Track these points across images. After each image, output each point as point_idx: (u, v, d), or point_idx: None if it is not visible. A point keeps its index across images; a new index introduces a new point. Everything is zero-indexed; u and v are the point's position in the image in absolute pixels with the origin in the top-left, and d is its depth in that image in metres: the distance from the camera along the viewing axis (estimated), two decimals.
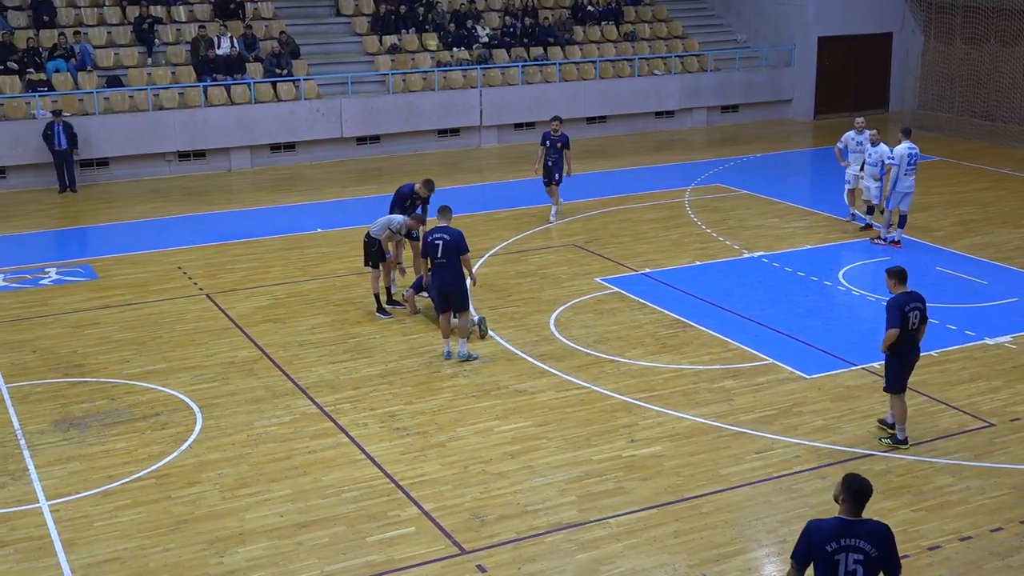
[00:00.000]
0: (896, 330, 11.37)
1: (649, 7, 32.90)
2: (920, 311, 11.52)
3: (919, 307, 11.52)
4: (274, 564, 9.72)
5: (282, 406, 12.95)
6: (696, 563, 9.70)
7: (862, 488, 7.07)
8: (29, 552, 9.93)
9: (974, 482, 11.11)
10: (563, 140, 20.54)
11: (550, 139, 20.58)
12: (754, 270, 17.91)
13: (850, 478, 7.14)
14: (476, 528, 10.27)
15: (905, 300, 11.45)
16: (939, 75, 31.47)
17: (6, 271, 18.28)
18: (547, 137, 20.67)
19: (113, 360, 14.37)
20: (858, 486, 7.07)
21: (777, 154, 27.54)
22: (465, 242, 14.06)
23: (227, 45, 26.51)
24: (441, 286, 14.11)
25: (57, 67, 24.96)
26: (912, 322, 11.47)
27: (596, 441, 11.99)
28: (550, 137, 20.59)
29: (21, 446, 11.95)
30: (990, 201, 22.46)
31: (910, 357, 11.67)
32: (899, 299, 11.47)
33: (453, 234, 14.03)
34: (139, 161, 25.10)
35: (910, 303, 11.46)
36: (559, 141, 20.51)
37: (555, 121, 20.67)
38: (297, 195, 23.55)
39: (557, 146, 20.49)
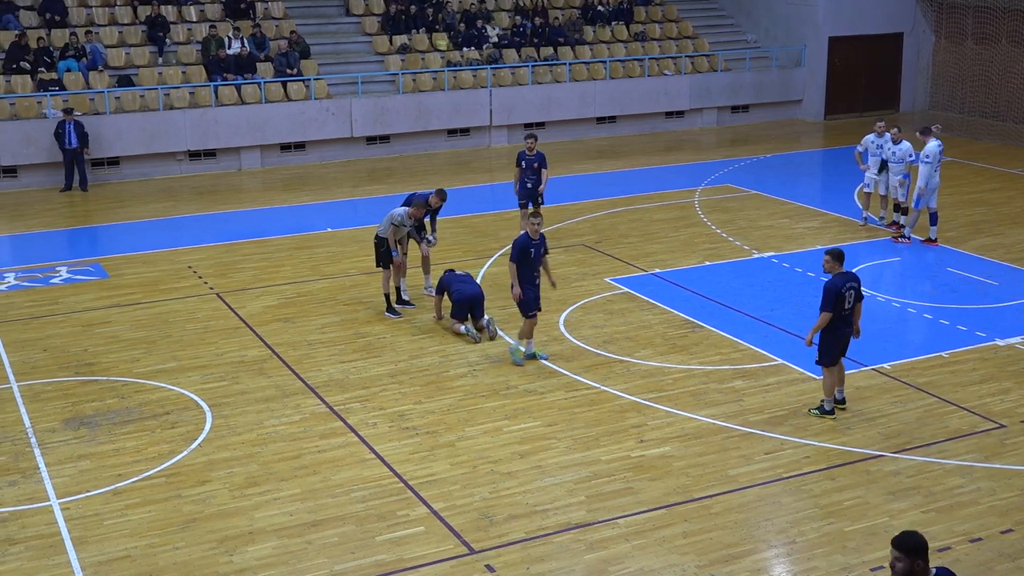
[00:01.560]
0: (829, 314, 11.99)
1: (659, 7, 32.87)
2: (855, 290, 12.18)
3: (854, 287, 12.17)
4: (283, 563, 9.73)
5: (292, 405, 12.97)
6: (705, 564, 9.69)
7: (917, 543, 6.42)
8: (40, 550, 9.96)
9: (984, 483, 11.08)
10: (539, 159, 18.65)
11: (526, 159, 18.63)
12: (764, 271, 17.88)
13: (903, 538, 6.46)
14: (485, 528, 10.27)
15: (842, 282, 12.04)
16: (950, 75, 31.39)
17: (17, 270, 18.34)
18: (522, 157, 18.69)
19: (123, 359, 14.41)
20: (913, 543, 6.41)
21: (787, 154, 27.49)
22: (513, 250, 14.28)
23: (238, 45, 26.56)
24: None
25: (68, 67, 25.04)
26: (848, 301, 12.11)
27: (605, 441, 11.99)
28: (525, 157, 18.64)
29: (32, 444, 11.99)
30: (1001, 202, 22.39)
31: (842, 332, 12.22)
32: (836, 281, 12.04)
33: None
34: (150, 160, 25.17)
35: (846, 284, 12.07)
36: (536, 161, 18.63)
37: (530, 139, 18.70)
38: (307, 195, 23.59)
39: (534, 166, 18.64)
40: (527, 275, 13.78)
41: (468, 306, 15.07)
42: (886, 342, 14.79)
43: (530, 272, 13.79)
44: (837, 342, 12.24)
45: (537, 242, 13.82)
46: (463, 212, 21.02)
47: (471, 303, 15.06)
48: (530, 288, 13.80)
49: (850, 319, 12.24)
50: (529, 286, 13.80)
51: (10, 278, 17.85)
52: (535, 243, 13.81)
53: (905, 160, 19.28)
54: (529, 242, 13.76)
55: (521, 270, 13.70)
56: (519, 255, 13.66)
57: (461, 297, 15.04)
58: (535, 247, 13.81)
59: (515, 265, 13.69)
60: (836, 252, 12.22)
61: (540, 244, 13.87)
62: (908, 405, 12.88)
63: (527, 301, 13.80)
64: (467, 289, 15.08)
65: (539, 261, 13.90)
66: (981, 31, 30.40)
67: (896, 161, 19.37)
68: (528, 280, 13.79)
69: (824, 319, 12.04)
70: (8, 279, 17.80)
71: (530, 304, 13.84)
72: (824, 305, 12.02)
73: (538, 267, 13.90)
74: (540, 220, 13.91)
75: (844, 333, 12.24)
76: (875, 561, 9.70)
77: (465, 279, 15.38)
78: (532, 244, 13.78)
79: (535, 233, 13.76)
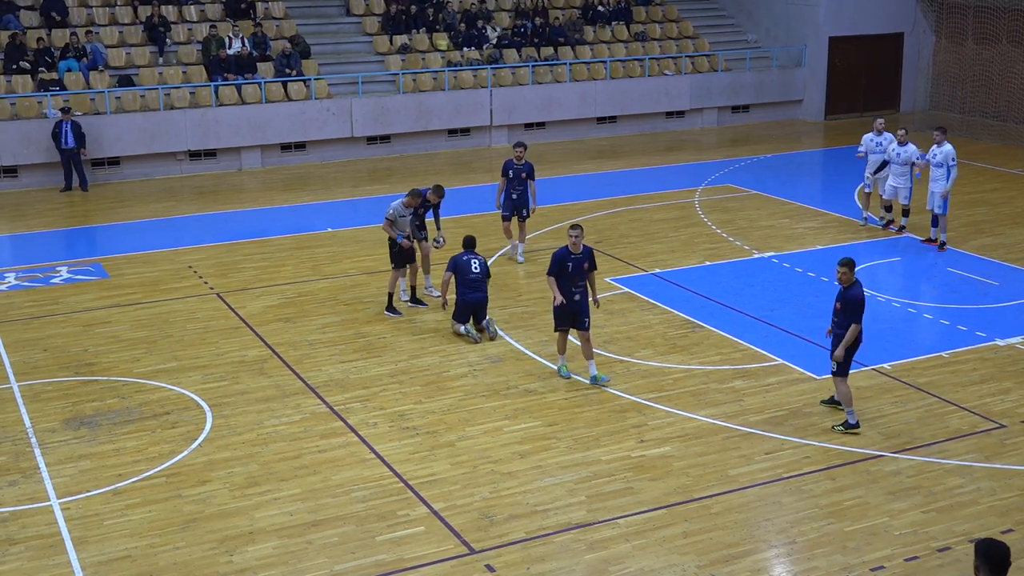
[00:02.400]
0: (860, 326, 11.81)
1: (660, 7, 32.87)
2: None
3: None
4: (284, 563, 9.74)
5: (292, 405, 12.97)
6: (705, 564, 9.70)
7: (1002, 556, 6.01)
8: (40, 550, 9.97)
9: (984, 483, 11.08)
10: (528, 170, 17.96)
11: (513, 169, 17.92)
12: (764, 270, 17.88)
13: (985, 545, 6.08)
14: (485, 528, 10.27)
15: (862, 290, 11.86)
16: (950, 75, 31.39)
17: (17, 270, 18.34)
18: (510, 167, 17.97)
19: (124, 359, 14.42)
20: (998, 555, 6.01)
21: (788, 154, 27.49)
22: None
23: (238, 45, 26.56)
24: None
25: (69, 67, 25.04)
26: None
27: (605, 441, 11.99)
28: (513, 166, 17.92)
29: (32, 444, 12.00)
30: (1001, 202, 22.39)
31: (861, 340, 12.03)
32: (859, 290, 11.81)
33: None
34: (150, 160, 25.17)
35: (863, 291, 11.90)
36: (524, 171, 17.92)
37: (518, 148, 17.99)
38: (308, 195, 23.59)
39: (522, 176, 17.92)
40: (564, 289, 13.21)
41: (471, 309, 15.08)
42: (886, 342, 14.79)
43: (568, 286, 13.20)
44: (856, 351, 12.05)
45: (578, 256, 13.17)
46: (464, 212, 21.03)
47: (475, 307, 15.07)
48: (568, 301, 13.25)
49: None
50: (567, 300, 13.25)
51: (10, 278, 17.86)
52: (575, 257, 13.16)
53: (911, 162, 19.08)
54: (567, 255, 13.16)
55: (559, 284, 13.20)
56: (555, 268, 13.18)
57: (465, 301, 15.03)
58: (574, 261, 13.17)
59: (551, 279, 13.24)
60: (850, 261, 11.86)
61: (581, 259, 13.19)
62: (908, 405, 12.88)
63: (559, 315, 13.34)
64: (472, 295, 15.04)
65: (579, 275, 13.22)
66: (981, 31, 30.40)
67: (900, 163, 19.20)
68: (566, 294, 13.22)
69: (856, 332, 11.72)
70: (8, 279, 17.80)
71: (562, 318, 13.34)
72: (856, 317, 11.71)
73: (579, 282, 13.24)
74: (580, 233, 13.16)
75: (860, 341, 12.05)
76: (875, 561, 9.71)
77: (475, 283, 15.08)
78: (571, 258, 13.15)
79: (575, 247, 13.12)
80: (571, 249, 13.15)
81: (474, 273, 15.04)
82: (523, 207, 18.02)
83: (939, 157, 18.59)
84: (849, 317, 11.76)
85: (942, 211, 18.67)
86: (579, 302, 13.30)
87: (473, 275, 15.04)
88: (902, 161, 19.13)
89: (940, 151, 18.61)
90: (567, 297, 13.23)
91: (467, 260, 15.15)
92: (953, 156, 18.55)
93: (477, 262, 15.17)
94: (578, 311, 13.32)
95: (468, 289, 15.04)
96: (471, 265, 15.09)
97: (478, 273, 15.08)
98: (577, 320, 13.34)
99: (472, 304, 15.05)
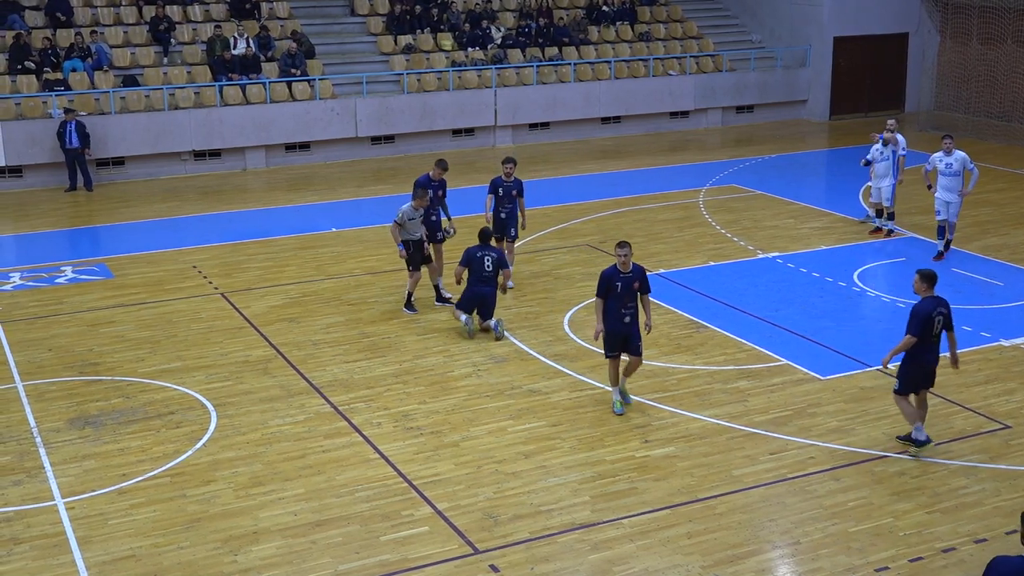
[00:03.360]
0: (914, 338, 11.24)
1: (664, 7, 32.86)
2: (944, 316, 11.40)
3: (944, 312, 11.39)
4: (288, 563, 9.74)
5: (296, 405, 12.98)
6: (709, 564, 9.69)
7: None
8: (45, 549, 9.98)
9: (989, 484, 11.06)
10: (517, 187, 16.89)
11: (503, 186, 16.82)
12: (768, 271, 17.87)
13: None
14: (489, 528, 10.27)
15: (932, 306, 11.31)
16: (955, 76, 31.34)
17: (22, 269, 18.37)
18: (499, 184, 16.85)
19: (128, 359, 14.43)
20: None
21: (792, 154, 27.47)
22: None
23: (243, 45, 26.58)
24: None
25: (74, 67, 25.06)
26: (936, 327, 11.34)
27: (609, 441, 11.99)
28: (503, 184, 16.82)
29: (37, 444, 12.01)
30: (1006, 202, 22.36)
31: (926, 360, 11.45)
32: (926, 304, 11.31)
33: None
34: (155, 160, 25.19)
35: (936, 308, 11.32)
36: (514, 188, 16.84)
37: (507, 164, 16.84)
38: (312, 194, 23.60)
39: (512, 194, 16.86)
40: (613, 310, 12.37)
41: (478, 302, 15.07)
42: (891, 342, 14.73)
43: (617, 307, 12.35)
44: (919, 370, 11.43)
45: (627, 275, 12.29)
46: (467, 212, 20.97)
47: (480, 301, 15.06)
48: (617, 324, 12.42)
49: (936, 347, 11.45)
50: (616, 323, 12.42)
51: (15, 278, 17.88)
52: (624, 276, 12.28)
53: (963, 170, 17.84)
54: (616, 275, 12.30)
55: (607, 306, 12.39)
56: (603, 288, 12.35)
57: (472, 293, 15.06)
58: (623, 281, 12.28)
59: (600, 300, 12.43)
60: (928, 274, 11.41)
61: (631, 278, 12.31)
62: None
63: (609, 340, 12.53)
64: (480, 289, 15.02)
65: (628, 296, 12.36)
66: (986, 31, 30.34)
67: (953, 174, 17.82)
68: (615, 316, 12.39)
69: (908, 342, 11.24)
70: (13, 279, 17.82)
71: (613, 343, 12.53)
72: (911, 328, 11.21)
73: (629, 303, 12.39)
74: (628, 251, 12.28)
75: (928, 361, 11.41)
76: (880, 562, 9.70)
77: (487, 278, 15.04)
78: (619, 277, 12.29)
79: (624, 265, 12.27)
80: (619, 268, 12.28)
81: (487, 272, 15.02)
82: (512, 226, 16.94)
83: (955, 166, 17.81)
84: (907, 326, 11.30)
85: (956, 218, 18.23)
86: (629, 324, 12.45)
87: (486, 273, 15.02)
88: (953, 172, 17.88)
89: (954, 159, 17.83)
90: (617, 320, 12.40)
91: (480, 256, 15.06)
92: (970, 160, 17.99)
93: (490, 259, 15.08)
94: (629, 335, 12.50)
95: (478, 281, 15.04)
96: (484, 263, 15.03)
97: (490, 272, 15.05)
98: (630, 345, 12.52)
99: (479, 296, 15.04)
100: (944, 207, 18.08)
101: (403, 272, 16.41)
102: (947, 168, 17.90)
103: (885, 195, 19.35)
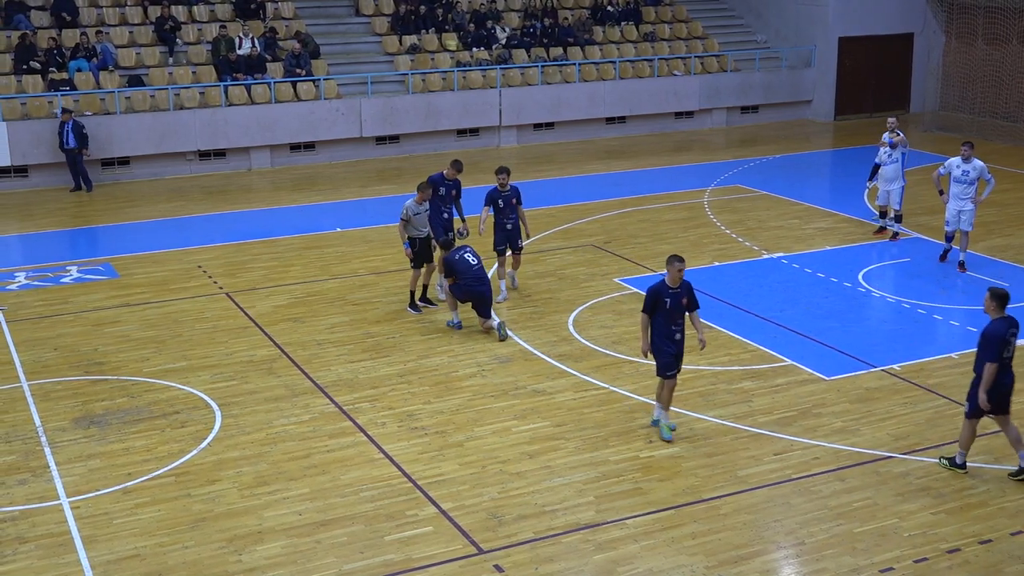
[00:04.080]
0: (994, 364, 10.70)
1: (669, 7, 32.85)
2: (1015, 335, 10.90)
3: (1015, 332, 10.89)
4: (292, 562, 9.75)
5: (301, 405, 12.99)
6: (714, 564, 9.68)
7: None
8: (50, 548, 9.99)
9: (994, 485, 11.04)
10: (516, 195, 16.33)
11: (502, 197, 16.27)
12: (773, 271, 17.85)
13: None
14: (494, 528, 10.27)
15: (1004, 328, 10.79)
16: (960, 76, 31.32)
17: (28, 269, 18.39)
18: (496, 196, 16.27)
19: (133, 358, 14.45)
20: None
21: (797, 155, 27.45)
22: None
23: (248, 45, 26.61)
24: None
25: (79, 66, 25.10)
26: (1009, 349, 10.84)
27: (614, 442, 11.98)
28: (501, 195, 16.27)
29: (42, 443, 12.03)
30: (1011, 203, 22.33)
31: (999, 382, 10.84)
32: (998, 326, 10.78)
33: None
34: (160, 160, 25.22)
35: (1009, 330, 10.81)
36: (512, 196, 16.26)
37: (501, 175, 16.22)
38: (317, 194, 23.62)
39: (512, 203, 16.28)
40: (663, 329, 11.71)
41: (471, 300, 15.03)
42: (896, 343, 14.77)
43: (667, 325, 11.69)
44: (994, 392, 10.83)
45: (676, 291, 11.60)
46: (471, 212, 20.99)
47: (475, 299, 14.99)
48: (668, 344, 11.75)
49: (1010, 369, 10.91)
50: (667, 342, 11.74)
51: (21, 277, 17.91)
52: (673, 292, 11.58)
53: (979, 180, 17.34)
54: (664, 290, 11.58)
55: (655, 322, 11.72)
56: (650, 304, 11.65)
57: (467, 292, 14.91)
58: (672, 296, 11.59)
59: (645, 315, 11.70)
60: (1000, 293, 10.87)
61: (680, 294, 11.64)
62: (918, 406, 12.85)
63: (662, 360, 11.81)
64: (475, 287, 14.91)
65: (678, 312, 11.71)
66: (992, 31, 30.31)
67: (969, 182, 17.29)
68: (664, 335, 11.73)
69: (991, 372, 10.66)
70: (19, 278, 17.85)
71: (666, 363, 11.80)
72: (987, 353, 10.70)
73: (678, 319, 11.76)
74: (681, 266, 11.60)
75: (1000, 383, 10.82)
76: (884, 563, 9.68)
77: (479, 275, 14.93)
78: (668, 293, 11.58)
79: (674, 280, 11.56)
80: (668, 283, 11.57)
81: (474, 266, 14.87)
82: (518, 236, 16.47)
83: (972, 174, 17.23)
84: (981, 353, 10.79)
85: (971, 227, 17.59)
86: (680, 342, 11.84)
87: (475, 267, 14.88)
88: (970, 181, 17.30)
89: (971, 167, 17.25)
90: (666, 337, 11.74)
91: (460, 257, 14.91)
92: (987, 170, 17.42)
93: (471, 252, 15.01)
94: (680, 353, 11.91)
95: (470, 279, 14.89)
96: (468, 260, 14.89)
97: (477, 264, 14.90)
98: (675, 363, 11.91)
99: (473, 295, 14.93)
100: (955, 217, 17.54)
101: (407, 272, 16.41)
102: (963, 175, 17.32)
103: (894, 199, 19.26)
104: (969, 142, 17.57)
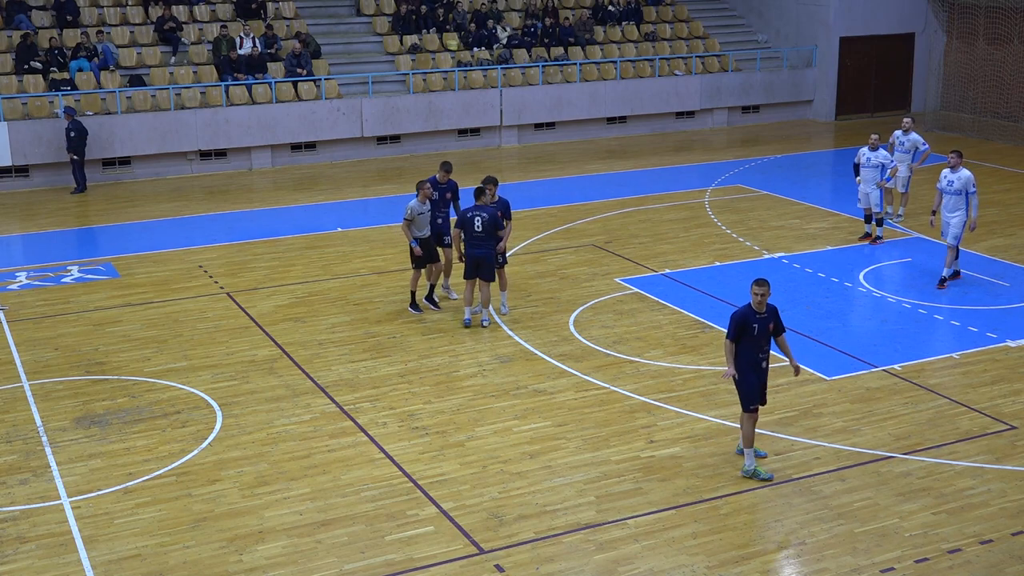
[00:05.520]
0: None
1: (670, 7, 32.85)
2: None
3: None
4: (293, 562, 9.75)
5: (302, 405, 12.99)
6: (715, 564, 9.68)
7: None
8: (51, 548, 9.99)
9: (995, 485, 11.04)
10: (504, 208, 15.58)
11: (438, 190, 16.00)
12: (774, 271, 17.84)
13: None
14: (494, 528, 10.27)
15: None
16: (961, 76, 31.31)
17: (29, 269, 18.40)
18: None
19: (134, 358, 14.45)
20: None
21: (798, 155, 27.45)
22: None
23: (248, 45, 26.61)
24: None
25: (80, 66, 25.11)
26: None
27: (615, 442, 11.99)
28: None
29: (43, 443, 12.03)
30: (1012, 202, 22.32)
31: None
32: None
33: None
34: (161, 160, 25.24)
35: None
36: (499, 209, 15.42)
37: (490, 185, 15.47)
38: (318, 194, 23.63)
39: (498, 216, 15.36)
40: (749, 357, 10.96)
41: (474, 268, 15.15)
42: (897, 343, 14.77)
43: (754, 353, 10.95)
44: None
45: (764, 316, 10.88)
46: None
47: (475, 265, 15.12)
48: (753, 374, 11.00)
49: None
50: (752, 371, 11.00)
51: (22, 277, 17.92)
52: (760, 317, 10.87)
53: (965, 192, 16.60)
54: (752, 316, 10.85)
55: (741, 350, 10.95)
56: (736, 331, 10.87)
57: (468, 257, 15.14)
58: (760, 322, 10.87)
59: (731, 343, 10.94)
60: None
61: (768, 319, 10.91)
62: (919, 406, 12.85)
63: (748, 391, 11.04)
64: (471, 252, 15.06)
65: (765, 339, 10.99)
66: (993, 31, 30.31)
67: (953, 192, 16.64)
68: (750, 363, 10.97)
69: None
70: (20, 278, 17.86)
71: (751, 394, 11.03)
72: None
73: (765, 346, 11.03)
74: (766, 290, 10.85)
75: None
76: (885, 563, 9.68)
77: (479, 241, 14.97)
78: (756, 319, 10.86)
79: (759, 305, 10.82)
80: (755, 308, 10.85)
81: (477, 232, 14.94)
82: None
83: (956, 184, 16.59)
84: None
85: (956, 242, 16.75)
86: (765, 371, 11.14)
87: (476, 233, 14.95)
88: (954, 191, 16.68)
89: (956, 177, 16.64)
90: (753, 366, 11.01)
91: (471, 217, 14.99)
92: (973, 183, 16.63)
93: (480, 220, 14.95)
94: (765, 383, 11.20)
95: (470, 244, 15.06)
96: (474, 223, 14.95)
97: (480, 232, 14.94)
98: (761, 395, 11.18)
99: (473, 259, 15.07)
100: (945, 227, 16.93)
101: (408, 272, 16.41)
102: (948, 186, 16.73)
103: (874, 200, 19.18)
104: (958, 151, 16.99)
